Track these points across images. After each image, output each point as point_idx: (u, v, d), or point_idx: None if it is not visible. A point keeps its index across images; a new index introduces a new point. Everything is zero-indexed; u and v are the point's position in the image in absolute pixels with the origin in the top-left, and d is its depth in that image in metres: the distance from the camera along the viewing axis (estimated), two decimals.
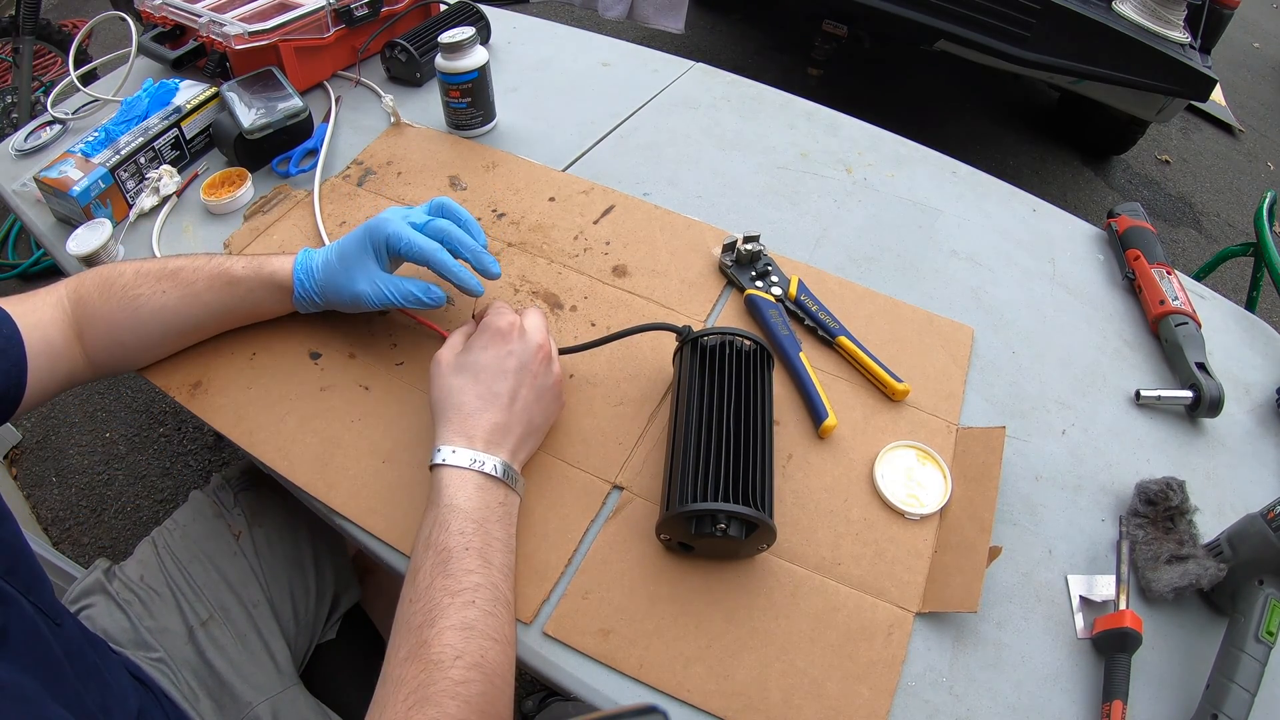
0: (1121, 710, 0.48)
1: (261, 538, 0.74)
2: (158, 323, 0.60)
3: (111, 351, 0.60)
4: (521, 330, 0.56)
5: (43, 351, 0.56)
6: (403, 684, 0.42)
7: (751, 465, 0.51)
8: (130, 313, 0.59)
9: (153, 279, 0.59)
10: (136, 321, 0.59)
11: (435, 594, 0.45)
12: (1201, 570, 0.53)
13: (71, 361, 0.58)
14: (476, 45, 0.82)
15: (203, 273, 0.60)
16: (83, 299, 0.59)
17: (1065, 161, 2.50)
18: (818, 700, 0.48)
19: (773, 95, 0.99)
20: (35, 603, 0.46)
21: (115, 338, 0.59)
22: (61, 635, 0.47)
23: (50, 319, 0.57)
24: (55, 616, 0.48)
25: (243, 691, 0.64)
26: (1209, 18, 1.75)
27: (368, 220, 0.60)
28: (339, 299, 0.61)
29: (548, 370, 0.57)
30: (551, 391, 0.57)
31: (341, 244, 0.61)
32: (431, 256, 0.58)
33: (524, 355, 0.55)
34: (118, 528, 1.40)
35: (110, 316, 0.58)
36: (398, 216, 0.60)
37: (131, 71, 0.94)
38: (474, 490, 0.50)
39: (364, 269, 0.59)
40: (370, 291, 0.59)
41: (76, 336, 0.59)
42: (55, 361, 0.57)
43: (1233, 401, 0.67)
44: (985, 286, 0.76)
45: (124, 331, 0.59)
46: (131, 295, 0.58)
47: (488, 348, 0.55)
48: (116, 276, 0.59)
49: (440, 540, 0.47)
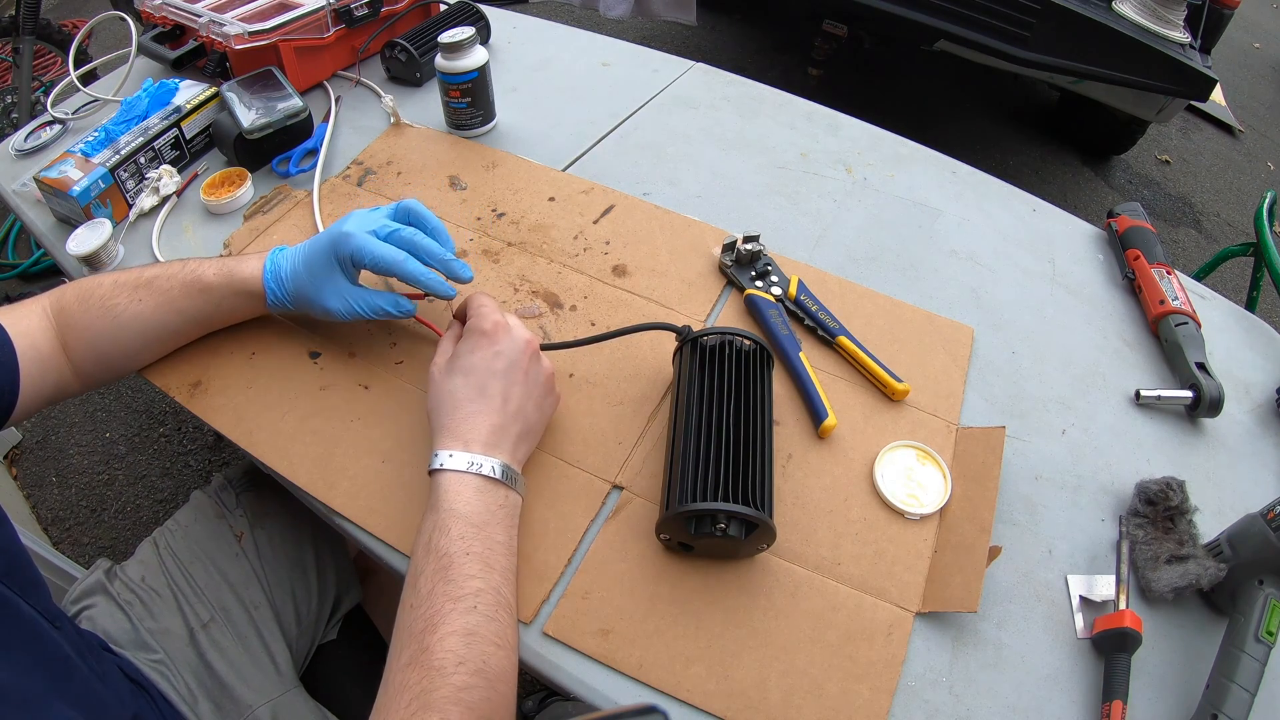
0: (1121, 710, 0.48)
1: (263, 539, 0.74)
2: (135, 331, 0.60)
3: (94, 361, 0.60)
4: (507, 328, 0.56)
5: (32, 359, 0.56)
6: (404, 690, 0.42)
7: (751, 465, 0.51)
8: (108, 321, 0.59)
9: (129, 288, 0.59)
10: (115, 330, 0.59)
11: (436, 600, 0.45)
12: (1201, 570, 0.53)
13: (59, 371, 0.59)
14: (476, 45, 0.82)
15: (176, 280, 0.60)
16: (64, 310, 0.59)
17: (1065, 161, 2.50)
18: (818, 700, 0.48)
19: (773, 95, 0.99)
20: (34, 605, 0.46)
21: (96, 347, 0.59)
22: (61, 638, 0.47)
23: (38, 327, 0.58)
24: (54, 619, 0.48)
25: (243, 694, 0.64)
26: (1209, 18, 1.75)
27: (332, 227, 0.59)
28: (310, 310, 0.61)
29: (537, 366, 0.57)
30: (544, 387, 0.57)
31: (308, 253, 0.60)
32: (398, 268, 0.57)
33: (512, 353, 0.55)
34: (118, 528, 1.40)
35: (90, 326, 0.59)
36: (361, 227, 0.58)
37: (131, 71, 0.94)
38: (473, 494, 0.50)
39: (332, 283, 0.59)
40: (340, 308, 0.59)
41: (62, 346, 0.59)
42: (44, 370, 0.57)
43: (1233, 401, 0.67)
44: (985, 286, 0.76)
45: (103, 341, 0.59)
46: (109, 305, 0.59)
47: (475, 350, 0.55)
48: (95, 288, 0.59)
49: (441, 545, 0.47)
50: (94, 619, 0.66)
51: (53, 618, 0.48)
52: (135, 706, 0.55)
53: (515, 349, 0.55)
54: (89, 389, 0.63)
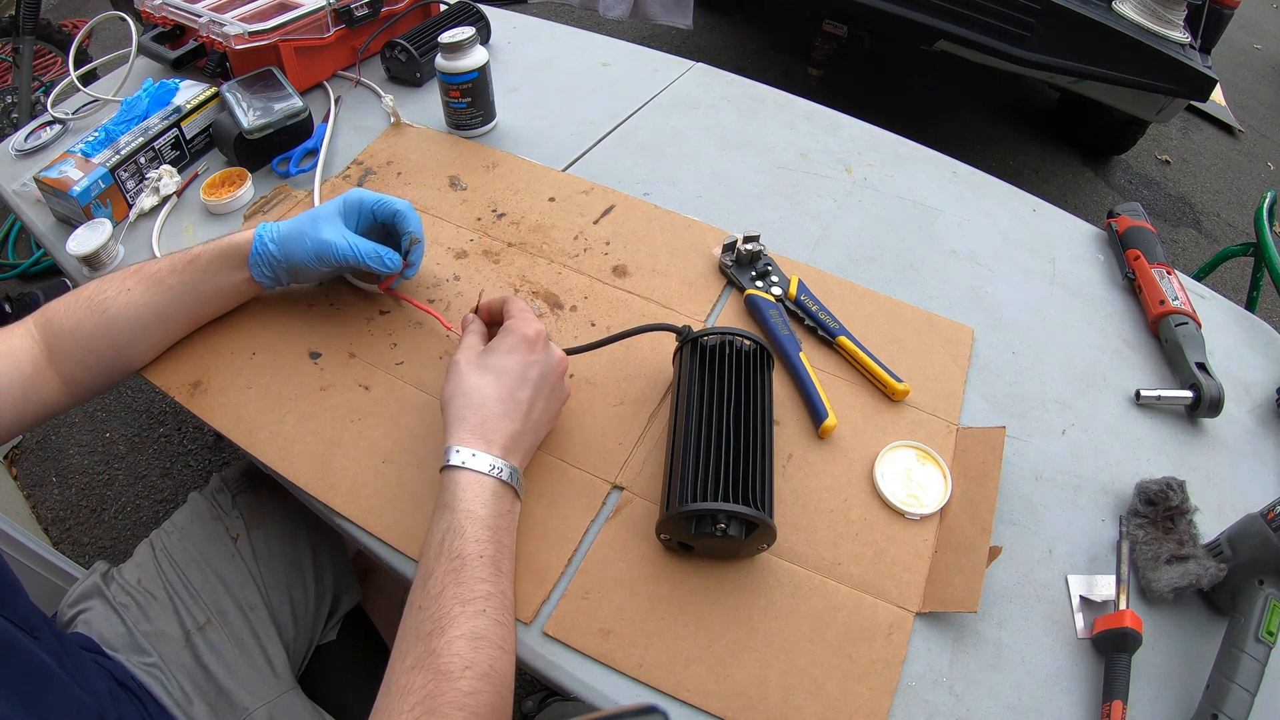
0: (1121, 710, 0.48)
1: (260, 540, 0.73)
2: (125, 320, 0.60)
3: (85, 364, 0.60)
4: (547, 341, 0.56)
5: (14, 381, 0.56)
6: (409, 693, 0.41)
7: (751, 465, 0.51)
8: (99, 318, 0.59)
9: (118, 281, 0.60)
10: (106, 325, 0.59)
11: (446, 602, 0.44)
12: (1201, 570, 0.53)
13: (44, 389, 0.58)
14: (476, 45, 0.82)
15: (164, 261, 0.62)
16: (50, 320, 0.59)
17: (1065, 161, 2.50)
18: (818, 700, 0.48)
19: (773, 95, 0.99)
20: (7, 616, 0.45)
21: (86, 347, 0.59)
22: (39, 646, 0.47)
23: (20, 347, 0.57)
24: (30, 628, 0.47)
25: (239, 696, 0.64)
26: (1209, 18, 1.75)
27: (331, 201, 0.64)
28: (301, 253, 0.61)
29: (561, 386, 0.58)
30: (559, 406, 0.58)
31: (308, 212, 0.63)
32: (406, 211, 0.64)
33: (546, 367, 0.55)
34: (118, 528, 1.40)
35: (78, 327, 0.59)
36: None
37: (131, 71, 0.94)
38: (490, 497, 0.49)
39: (333, 224, 0.61)
40: (337, 241, 0.61)
41: (48, 362, 0.59)
42: (27, 390, 0.57)
43: (1233, 401, 0.67)
44: (985, 286, 0.76)
45: (94, 339, 0.59)
46: (98, 301, 0.59)
47: (513, 353, 0.54)
48: (81, 292, 0.60)
49: (456, 547, 0.46)
50: (89, 622, 0.66)
51: (29, 626, 0.48)
52: (118, 709, 0.55)
53: (550, 364, 0.56)
54: (80, 401, 0.62)
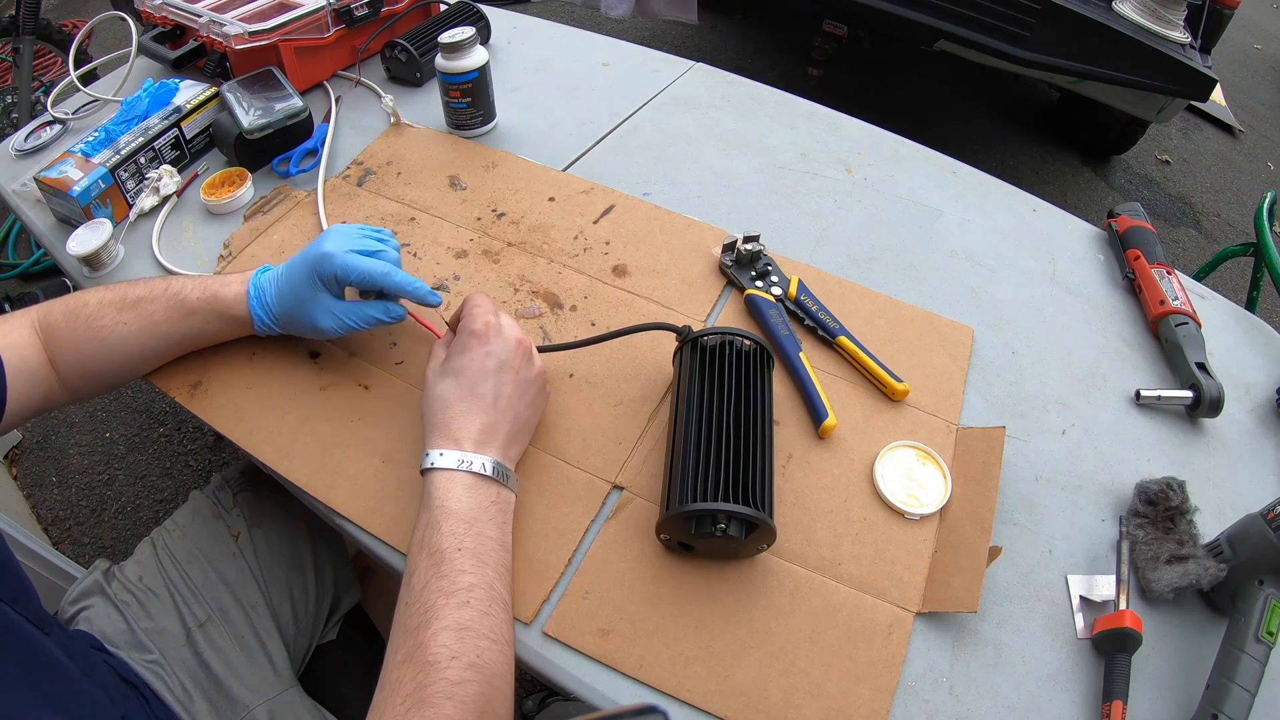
0: (1121, 710, 0.48)
1: (261, 539, 0.74)
2: (122, 352, 0.60)
3: (83, 378, 0.60)
4: (498, 328, 0.56)
5: (21, 371, 0.56)
6: (400, 687, 0.42)
7: (751, 465, 0.51)
8: (97, 342, 0.59)
9: (114, 310, 0.59)
10: (103, 351, 0.59)
11: (430, 596, 0.45)
12: (1201, 570, 0.53)
13: (47, 383, 0.59)
14: (476, 45, 0.82)
15: (159, 303, 0.60)
16: (50, 326, 0.59)
17: (1065, 161, 2.50)
18: (818, 700, 0.48)
19: (773, 95, 0.99)
20: (21, 613, 0.46)
21: (85, 366, 0.60)
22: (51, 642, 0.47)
23: (27, 340, 0.58)
24: (42, 625, 0.48)
25: (240, 694, 0.64)
26: (1209, 18, 1.75)
27: (310, 247, 0.60)
28: (301, 330, 0.61)
29: (528, 365, 0.57)
30: (535, 385, 0.58)
31: (290, 277, 0.60)
32: (385, 279, 0.58)
33: (503, 353, 0.55)
34: (118, 528, 1.40)
35: (78, 346, 0.59)
36: (341, 246, 0.59)
37: (131, 71, 0.94)
38: (463, 491, 0.50)
39: (319, 303, 0.59)
40: (332, 325, 0.59)
41: (50, 360, 0.59)
42: (33, 381, 0.57)
43: (1233, 401, 0.67)
44: (985, 286, 0.76)
45: (93, 361, 0.60)
46: (96, 326, 0.59)
47: (465, 351, 0.55)
48: (81, 306, 0.59)
49: (432, 542, 0.47)
50: (91, 620, 0.66)
51: (41, 623, 0.48)
52: (124, 705, 0.55)
53: (506, 348, 0.56)
54: (77, 400, 0.63)
